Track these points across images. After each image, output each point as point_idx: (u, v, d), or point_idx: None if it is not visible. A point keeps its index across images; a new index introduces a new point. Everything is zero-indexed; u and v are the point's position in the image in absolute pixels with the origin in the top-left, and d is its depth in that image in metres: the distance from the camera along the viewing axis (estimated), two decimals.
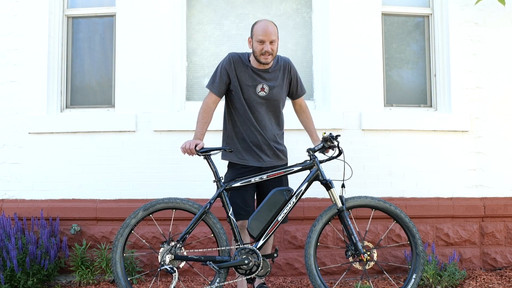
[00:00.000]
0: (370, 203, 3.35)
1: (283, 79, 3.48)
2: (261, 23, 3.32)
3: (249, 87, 3.40)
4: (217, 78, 3.41)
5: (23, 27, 4.46)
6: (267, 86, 3.42)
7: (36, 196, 4.38)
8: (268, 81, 3.43)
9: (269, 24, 3.32)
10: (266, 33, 3.27)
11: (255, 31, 3.32)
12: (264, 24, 3.30)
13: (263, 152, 3.44)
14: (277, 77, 3.46)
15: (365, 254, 3.21)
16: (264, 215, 3.23)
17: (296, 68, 3.59)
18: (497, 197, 4.43)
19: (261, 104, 3.43)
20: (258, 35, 3.28)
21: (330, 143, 3.31)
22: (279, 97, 3.49)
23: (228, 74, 3.40)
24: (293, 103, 3.66)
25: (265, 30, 3.27)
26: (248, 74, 3.41)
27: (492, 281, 4.01)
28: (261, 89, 3.42)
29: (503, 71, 4.52)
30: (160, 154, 4.37)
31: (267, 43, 3.27)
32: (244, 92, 3.41)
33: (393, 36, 4.73)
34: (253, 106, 3.42)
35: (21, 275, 3.76)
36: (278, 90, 3.46)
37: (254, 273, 3.18)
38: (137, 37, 4.45)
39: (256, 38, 3.30)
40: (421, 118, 4.44)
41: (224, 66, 3.40)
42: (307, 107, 3.67)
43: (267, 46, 3.28)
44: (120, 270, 3.26)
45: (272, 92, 3.44)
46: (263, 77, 3.42)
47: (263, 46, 3.28)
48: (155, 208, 3.32)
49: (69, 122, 4.41)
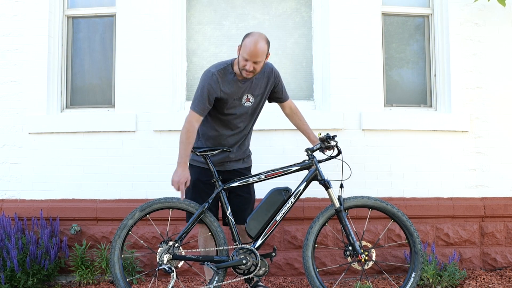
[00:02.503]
0: (367, 203, 3.35)
1: (266, 87, 3.40)
2: (251, 40, 3.10)
3: (235, 100, 3.31)
4: (202, 98, 3.22)
5: (23, 27, 4.47)
6: (252, 95, 3.35)
7: (36, 196, 4.38)
8: (252, 90, 3.34)
9: (258, 43, 3.09)
10: (252, 54, 3.09)
11: (244, 45, 3.13)
12: (253, 43, 3.09)
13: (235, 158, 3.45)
14: (261, 84, 3.37)
15: (362, 254, 3.21)
16: (262, 215, 3.23)
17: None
18: (497, 197, 4.43)
19: (244, 114, 3.37)
20: (245, 52, 3.10)
21: (327, 144, 3.31)
22: (262, 104, 3.46)
23: (214, 93, 3.23)
24: (283, 107, 3.59)
25: (252, 51, 3.08)
26: (234, 87, 3.28)
27: (492, 281, 4.01)
28: (246, 99, 3.34)
29: (503, 71, 4.51)
30: (160, 154, 4.37)
31: (250, 61, 3.12)
32: (229, 104, 3.31)
33: (393, 36, 4.72)
34: (237, 117, 3.35)
35: (21, 275, 3.77)
36: (262, 98, 3.42)
37: (252, 273, 3.19)
38: (137, 37, 4.45)
39: (242, 53, 3.13)
40: (421, 118, 4.43)
41: (210, 86, 3.21)
42: (297, 108, 3.62)
43: (249, 65, 3.13)
44: (118, 271, 3.27)
45: (257, 102, 3.40)
46: (247, 86, 3.32)
47: (246, 64, 3.13)
48: (152, 208, 3.33)
49: (69, 122, 4.42)
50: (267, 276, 4.22)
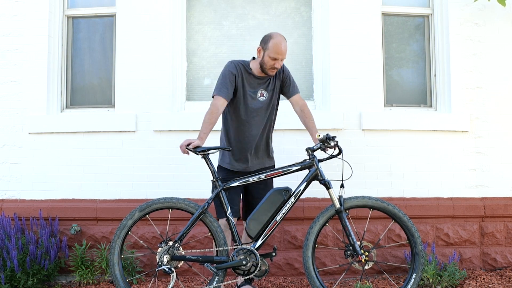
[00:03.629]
0: (368, 203, 3.35)
1: (277, 81, 3.60)
2: (277, 40, 3.37)
3: (251, 93, 3.50)
4: (225, 82, 3.44)
5: (23, 27, 4.47)
6: (266, 91, 3.54)
7: (36, 196, 4.39)
8: (266, 87, 3.55)
9: (284, 43, 3.39)
10: (281, 53, 3.37)
11: (271, 47, 3.37)
12: (280, 42, 3.37)
13: (252, 156, 3.56)
14: (273, 81, 3.58)
15: (363, 255, 3.21)
16: (262, 215, 3.24)
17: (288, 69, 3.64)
18: (497, 197, 4.43)
19: (260, 109, 3.52)
20: (274, 52, 3.36)
21: (327, 144, 3.31)
22: (275, 100, 3.62)
23: (235, 79, 3.47)
24: (292, 104, 3.68)
25: (281, 50, 3.36)
26: (251, 81, 3.52)
27: (492, 281, 4.00)
28: (261, 94, 3.54)
29: (503, 71, 4.51)
30: (160, 154, 4.37)
31: (279, 60, 3.39)
32: (246, 97, 3.49)
33: (393, 36, 4.72)
34: (254, 111, 3.51)
35: (21, 275, 3.77)
36: (274, 93, 3.59)
37: (252, 274, 3.19)
38: (137, 37, 4.45)
39: (270, 53, 3.37)
40: (421, 118, 4.43)
41: (231, 71, 3.46)
42: (306, 105, 3.67)
43: (278, 63, 3.40)
44: (118, 272, 3.27)
45: (270, 97, 3.55)
46: (262, 83, 3.54)
47: (274, 63, 3.39)
48: (151, 209, 3.33)
49: (69, 122, 4.42)
50: (267, 276, 4.22)
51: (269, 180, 3.54)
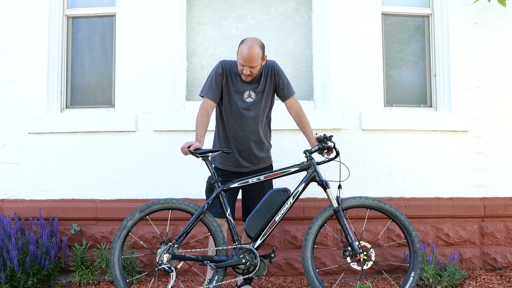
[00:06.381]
0: (365, 203, 3.36)
1: (268, 84, 3.53)
2: (245, 46, 3.31)
3: (237, 93, 3.47)
4: (211, 84, 3.46)
5: (23, 27, 4.47)
6: (254, 92, 3.49)
7: (36, 196, 4.39)
8: (255, 88, 3.50)
9: (251, 49, 3.29)
10: (247, 60, 3.31)
11: (239, 53, 3.35)
12: (247, 50, 3.29)
13: (244, 159, 3.54)
14: (263, 82, 3.51)
15: (361, 254, 3.22)
16: (261, 215, 3.26)
17: (283, 70, 3.61)
18: (497, 197, 4.43)
19: (249, 110, 3.48)
20: (240, 59, 3.33)
21: (325, 144, 3.32)
22: (265, 102, 3.54)
23: (221, 80, 3.46)
24: (287, 108, 3.64)
25: (246, 57, 3.30)
26: (237, 81, 3.48)
27: (492, 281, 4.00)
28: (248, 95, 3.49)
29: (503, 71, 4.51)
30: (160, 154, 4.37)
31: (246, 67, 3.34)
32: (232, 98, 3.47)
33: (393, 36, 4.72)
34: (240, 112, 3.47)
35: (21, 275, 3.77)
36: (264, 95, 3.52)
37: (252, 273, 3.19)
38: (137, 37, 4.46)
39: (239, 59, 3.36)
40: (421, 118, 4.43)
41: (218, 72, 3.46)
42: (301, 109, 3.62)
43: (246, 70, 3.35)
44: (118, 272, 3.27)
45: (259, 98, 3.51)
46: (250, 83, 3.49)
47: (243, 69, 3.36)
48: (151, 209, 3.34)
49: (69, 122, 4.42)
50: (267, 276, 4.23)
51: (267, 181, 3.54)
